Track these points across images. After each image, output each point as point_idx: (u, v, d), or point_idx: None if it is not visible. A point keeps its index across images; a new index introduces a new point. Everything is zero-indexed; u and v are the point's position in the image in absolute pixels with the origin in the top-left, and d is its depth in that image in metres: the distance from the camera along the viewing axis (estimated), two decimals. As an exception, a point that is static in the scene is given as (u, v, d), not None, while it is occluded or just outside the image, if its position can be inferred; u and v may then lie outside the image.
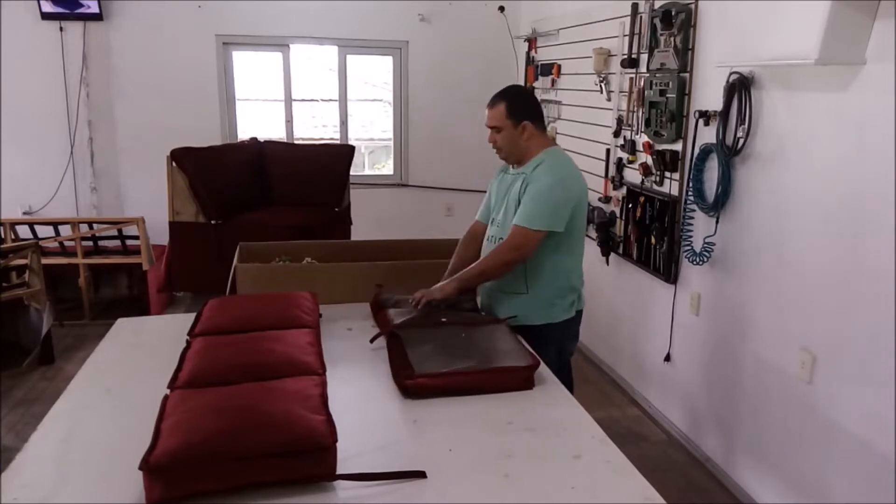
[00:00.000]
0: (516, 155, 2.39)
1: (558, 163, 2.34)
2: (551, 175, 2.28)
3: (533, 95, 2.49)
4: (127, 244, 4.69)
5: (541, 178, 2.28)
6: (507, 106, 2.33)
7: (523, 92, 2.50)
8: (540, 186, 2.26)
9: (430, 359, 1.92)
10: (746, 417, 2.82)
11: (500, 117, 2.34)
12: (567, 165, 2.37)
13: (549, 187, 2.26)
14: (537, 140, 2.37)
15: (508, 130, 2.34)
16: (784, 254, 2.56)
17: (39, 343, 3.91)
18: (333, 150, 4.97)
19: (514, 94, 2.39)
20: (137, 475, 1.33)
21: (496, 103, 2.36)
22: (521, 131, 2.34)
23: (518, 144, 2.36)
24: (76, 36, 5.09)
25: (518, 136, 2.34)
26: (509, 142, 2.36)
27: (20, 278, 3.88)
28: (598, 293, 4.16)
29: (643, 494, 1.43)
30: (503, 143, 2.38)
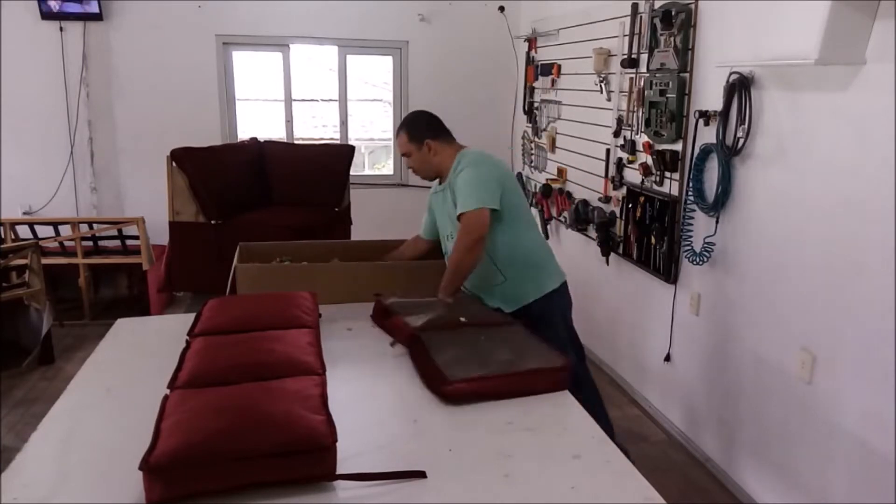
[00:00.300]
0: (432, 171, 2.62)
1: (471, 157, 2.51)
2: (468, 167, 2.46)
3: (428, 114, 2.66)
4: (127, 244, 4.69)
5: (461, 174, 2.46)
6: (407, 132, 2.58)
7: (418, 115, 2.69)
8: (463, 177, 2.44)
9: (458, 362, 1.88)
10: (746, 417, 2.82)
11: (404, 144, 2.60)
12: (479, 156, 2.53)
13: (470, 175, 2.43)
14: (446, 152, 2.57)
15: (416, 153, 2.58)
16: (784, 254, 2.56)
17: (39, 343, 3.91)
18: (333, 150, 4.96)
19: (409, 121, 2.64)
20: (137, 475, 1.33)
21: (399, 133, 2.61)
22: (427, 150, 2.56)
23: (430, 162, 2.58)
24: (76, 36, 5.09)
25: (426, 155, 2.57)
26: (421, 162, 2.60)
27: (20, 278, 3.88)
28: (598, 293, 4.16)
29: (643, 494, 1.43)
30: (416, 165, 2.62)
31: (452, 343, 1.99)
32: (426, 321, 2.13)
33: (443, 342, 2.00)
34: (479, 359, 1.91)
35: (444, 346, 1.97)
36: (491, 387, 1.80)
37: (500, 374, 1.83)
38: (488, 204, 2.39)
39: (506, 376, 1.83)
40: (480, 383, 1.80)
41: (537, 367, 1.88)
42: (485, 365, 1.87)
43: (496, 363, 1.88)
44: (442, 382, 1.80)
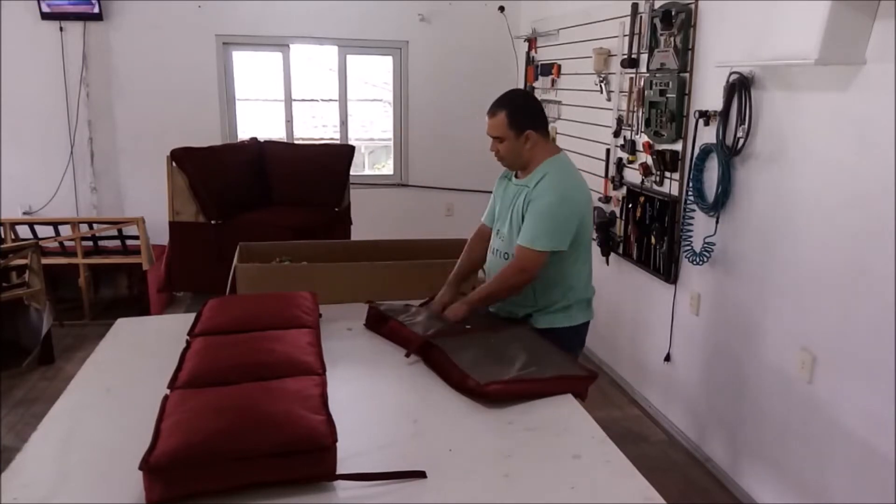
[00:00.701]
0: (519, 164, 2.32)
1: (561, 176, 2.25)
2: (554, 191, 2.20)
3: (535, 100, 2.42)
4: (127, 244, 4.69)
5: (544, 196, 2.19)
6: (509, 115, 2.23)
7: (525, 98, 2.43)
8: (543, 204, 2.19)
9: (481, 365, 1.89)
10: (747, 417, 2.82)
11: (501, 127, 2.24)
12: (570, 177, 2.28)
13: (552, 205, 2.18)
14: (541, 148, 2.28)
15: (510, 140, 2.25)
16: (784, 254, 2.56)
17: (39, 343, 3.91)
18: (333, 150, 4.97)
19: (515, 102, 2.29)
20: (137, 475, 1.33)
21: (496, 112, 2.25)
22: (524, 141, 2.24)
23: (521, 154, 2.27)
24: (76, 36, 5.09)
25: (521, 146, 2.25)
26: (512, 152, 2.27)
27: (20, 278, 3.88)
28: (598, 293, 4.15)
29: (643, 494, 1.43)
30: (505, 153, 2.29)
31: (466, 347, 2.00)
32: (436, 330, 2.12)
33: (457, 346, 2.00)
34: (500, 360, 1.93)
35: (460, 350, 1.98)
36: (528, 388, 1.83)
37: (536, 378, 1.86)
38: (555, 248, 2.19)
39: (542, 380, 1.86)
40: (519, 385, 1.83)
41: (570, 374, 1.92)
42: (510, 366, 1.89)
43: (522, 365, 1.91)
44: (477, 385, 1.80)
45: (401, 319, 2.23)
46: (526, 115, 2.27)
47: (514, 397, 1.81)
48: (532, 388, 1.84)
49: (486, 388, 1.79)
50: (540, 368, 1.91)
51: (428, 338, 2.06)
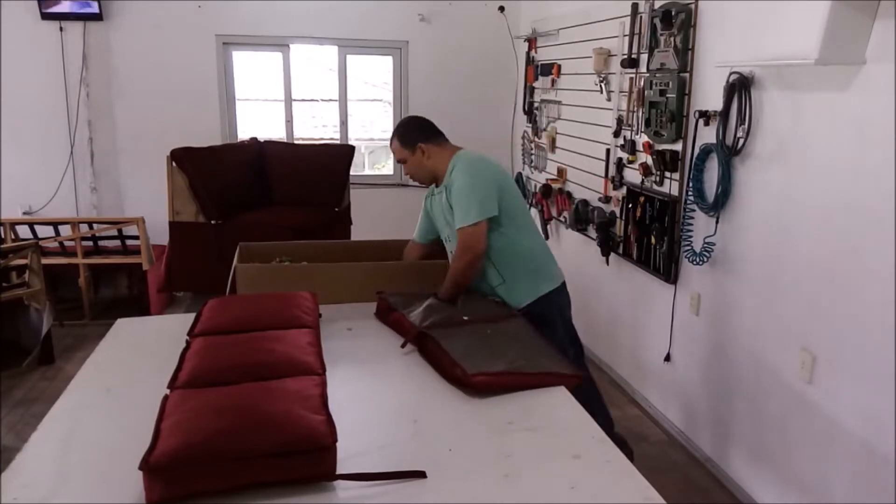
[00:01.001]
0: (429, 175, 2.60)
1: (466, 160, 2.49)
2: (463, 173, 2.44)
3: (418, 118, 2.70)
4: (127, 244, 4.69)
5: (457, 180, 2.44)
6: (400, 138, 2.58)
7: (409, 120, 2.71)
8: (459, 186, 2.42)
9: (471, 355, 1.92)
10: (746, 417, 2.82)
11: (398, 151, 2.60)
12: (474, 159, 2.51)
13: (466, 183, 2.41)
14: (440, 154, 2.55)
15: (410, 159, 2.57)
16: (784, 254, 2.56)
17: (39, 343, 3.91)
18: (333, 150, 4.96)
19: (401, 126, 2.64)
20: (137, 475, 1.33)
21: (391, 141, 2.61)
22: (421, 154, 2.55)
23: (424, 166, 2.57)
24: (76, 36, 5.08)
25: (420, 159, 2.56)
26: (416, 167, 2.59)
27: (20, 278, 3.88)
28: (598, 293, 4.17)
29: (643, 494, 1.43)
30: (412, 171, 2.61)
31: (460, 338, 2.03)
32: (431, 321, 2.14)
33: (451, 337, 2.03)
34: (492, 352, 1.96)
35: (454, 341, 2.01)
36: (514, 381, 1.87)
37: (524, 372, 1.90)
38: (486, 214, 2.39)
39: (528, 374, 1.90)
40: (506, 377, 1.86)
41: (556, 371, 1.95)
42: (501, 359, 1.92)
43: (512, 358, 1.94)
44: (464, 374, 1.84)
45: (404, 311, 2.28)
46: (412, 132, 2.59)
47: (499, 389, 1.83)
48: (518, 381, 1.88)
49: (472, 378, 1.82)
50: (529, 363, 1.94)
51: (423, 328, 2.09)
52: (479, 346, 1.99)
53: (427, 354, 2.06)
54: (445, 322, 2.15)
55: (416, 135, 2.58)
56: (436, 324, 2.13)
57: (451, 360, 1.91)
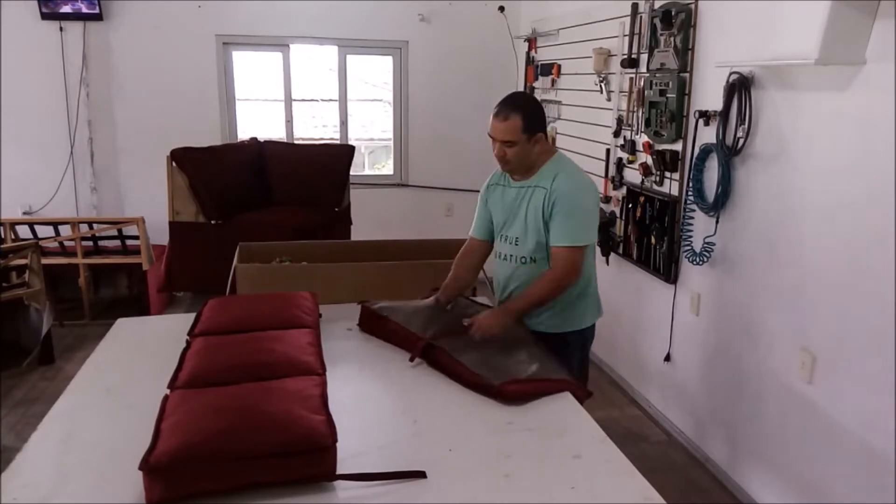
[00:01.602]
0: (525, 167, 2.27)
1: (573, 171, 2.27)
2: (576, 187, 2.21)
3: (539, 103, 2.41)
4: (127, 244, 4.69)
5: (570, 193, 2.18)
6: (524, 119, 2.17)
7: (535, 102, 2.38)
8: (573, 201, 2.18)
9: (486, 364, 1.93)
10: (747, 417, 2.82)
11: (514, 131, 2.17)
12: (580, 171, 2.31)
13: (580, 200, 2.21)
14: (544, 148, 2.28)
15: (522, 144, 2.19)
16: (784, 254, 2.56)
17: (39, 343, 3.91)
18: (333, 150, 4.96)
19: (529, 105, 2.25)
20: (137, 475, 1.33)
21: (510, 116, 2.17)
22: (534, 144, 2.22)
23: (529, 157, 2.24)
24: (76, 36, 5.08)
25: (531, 149, 2.22)
26: (521, 155, 2.21)
27: (20, 278, 3.88)
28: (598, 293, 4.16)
29: (643, 494, 1.43)
30: (513, 157, 2.21)
31: (469, 347, 2.03)
32: (436, 331, 2.13)
33: (460, 348, 2.03)
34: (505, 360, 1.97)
35: (463, 351, 2.00)
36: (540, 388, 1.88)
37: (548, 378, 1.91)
38: (591, 241, 2.26)
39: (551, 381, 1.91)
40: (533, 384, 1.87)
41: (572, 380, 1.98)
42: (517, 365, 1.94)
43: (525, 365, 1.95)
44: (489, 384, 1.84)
45: (399, 320, 2.23)
46: (538, 117, 2.25)
47: (529, 397, 1.84)
48: (543, 387, 1.89)
49: (503, 387, 1.82)
50: (543, 368, 1.96)
51: (430, 340, 2.07)
52: (489, 355, 1.99)
53: (439, 366, 2.02)
54: (449, 330, 2.13)
55: (541, 123, 2.24)
56: (441, 333, 2.11)
57: (471, 371, 1.90)
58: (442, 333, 2.11)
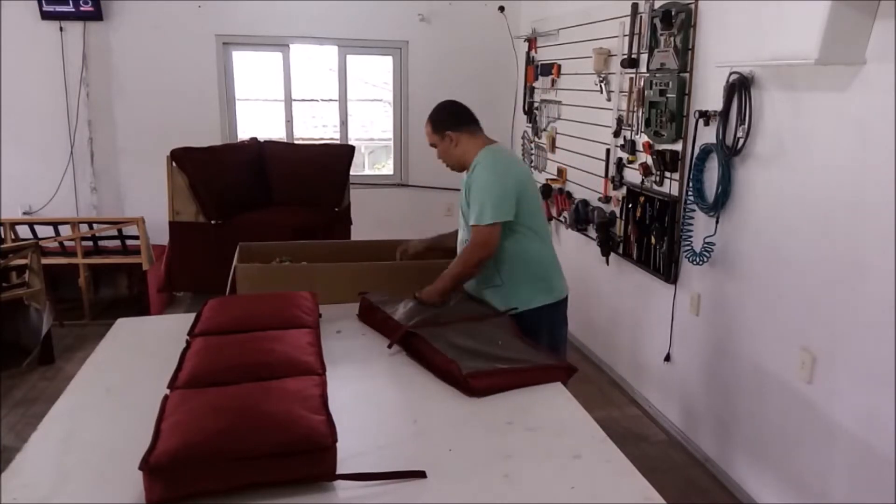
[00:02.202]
0: (457, 163, 2.57)
1: (492, 159, 2.46)
2: (486, 171, 2.42)
3: (456, 104, 2.64)
4: (127, 244, 4.69)
5: (479, 177, 2.42)
6: (431, 123, 2.57)
7: (445, 105, 2.65)
8: (479, 184, 2.40)
9: (464, 355, 1.93)
10: (746, 417, 2.82)
11: (430, 135, 2.58)
12: (501, 159, 2.49)
13: (487, 182, 2.39)
14: (470, 144, 2.52)
15: (440, 144, 2.55)
16: (784, 254, 2.56)
17: (39, 343, 3.91)
18: (333, 150, 4.96)
19: (435, 111, 2.61)
20: (137, 475, 1.33)
21: (426, 125, 2.59)
22: (449, 141, 2.52)
23: (453, 154, 2.54)
24: (76, 36, 5.09)
25: (449, 146, 2.53)
26: (445, 153, 2.57)
27: (20, 278, 3.88)
28: (598, 293, 4.16)
29: (643, 494, 1.43)
30: (442, 157, 2.59)
31: (449, 336, 2.04)
32: (419, 320, 2.15)
33: (438, 336, 2.04)
34: (481, 350, 1.97)
35: (442, 340, 2.01)
36: (509, 380, 1.88)
37: (516, 368, 1.90)
38: (502, 217, 2.36)
39: (521, 370, 1.91)
40: (501, 376, 1.87)
41: (548, 363, 1.97)
42: (490, 356, 1.94)
43: (500, 355, 1.95)
44: (459, 373, 1.84)
45: (387, 311, 2.28)
46: (443, 118, 2.56)
47: (496, 389, 1.84)
48: (512, 378, 1.88)
49: (469, 380, 1.83)
50: (519, 358, 1.95)
51: (409, 328, 2.09)
52: (468, 345, 1.99)
53: (416, 354, 2.05)
54: (432, 321, 2.15)
55: (447, 122, 2.55)
56: (423, 322, 2.14)
57: (445, 357, 1.92)
58: (424, 322, 2.13)
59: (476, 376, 1.83)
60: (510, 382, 1.87)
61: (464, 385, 1.83)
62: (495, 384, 1.85)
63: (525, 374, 1.91)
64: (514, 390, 1.86)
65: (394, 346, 2.12)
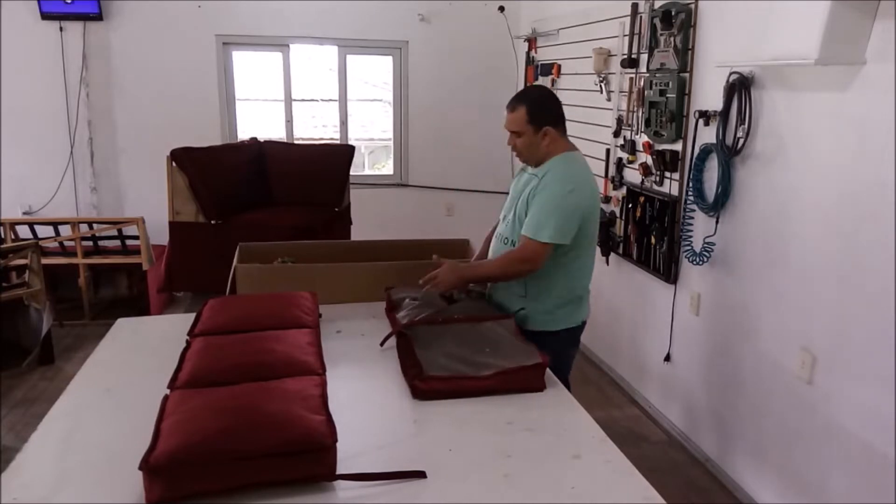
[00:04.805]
0: (535, 159, 2.34)
1: (571, 170, 2.28)
2: (561, 184, 2.22)
3: (555, 98, 2.41)
4: (127, 244, 4.69)
5: (551, 186, 2.22)
6: (529, 110, 2.27)
7: (546, 95, 2.43)
8: (549, 195, 2.21)
9: (439, 358, 1.91)
10: (746, 417, 2.82)
11: (520, 122, 2.28)
12: (580, 173, 2.29)
13: (557, 196, 2.21)
14: (557, 144, 2.31)
15: (528, 136, 2.28)
16: (784, 254, 2.56)
17: (39, 343, 3.91)
18: (333, 150, 4.96)
19: (535, 98, 2.33)
20: (137, 475, 1.33)
21: (516, 106, 2.29)
22: (542, 137, 2.28)
23: (538, 149, 2.30)
24: (76, 36, 5.09)
25: (538, 141, 2.29)
26: (529, 146, 2.31)
27: (20, 278, 3.88)
28: (598, 293, 4.14)
29: (643, 494, 1.43)
30: (522, 148, 2.32)
31: (439, 339, 2.01)
32: (419, 317, 2.13)
33: (429, 337, 2.02)
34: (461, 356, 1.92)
35: (429, 342, 1.99)
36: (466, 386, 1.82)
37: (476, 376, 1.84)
38: (559, 240, 2.19)
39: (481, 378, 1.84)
40: (455, 383, 1.83)
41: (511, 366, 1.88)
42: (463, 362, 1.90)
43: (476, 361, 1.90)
44: (416, 377, 1.84)
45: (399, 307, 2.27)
46: (545, 111, 2.30)
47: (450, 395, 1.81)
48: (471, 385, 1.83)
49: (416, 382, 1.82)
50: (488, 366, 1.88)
51: (401, 327, 2.08)
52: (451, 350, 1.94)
53: (399, 353, 2.04)
54: (429, 320, 2.11)
55: (550, 116, 2.30)
56: (422, 320, 2.11)
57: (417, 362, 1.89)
58: (423, 321, 2.10)
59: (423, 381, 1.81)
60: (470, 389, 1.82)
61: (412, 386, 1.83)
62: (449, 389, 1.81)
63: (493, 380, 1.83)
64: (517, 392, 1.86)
65: (385, 343, 2.12)
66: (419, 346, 1.98)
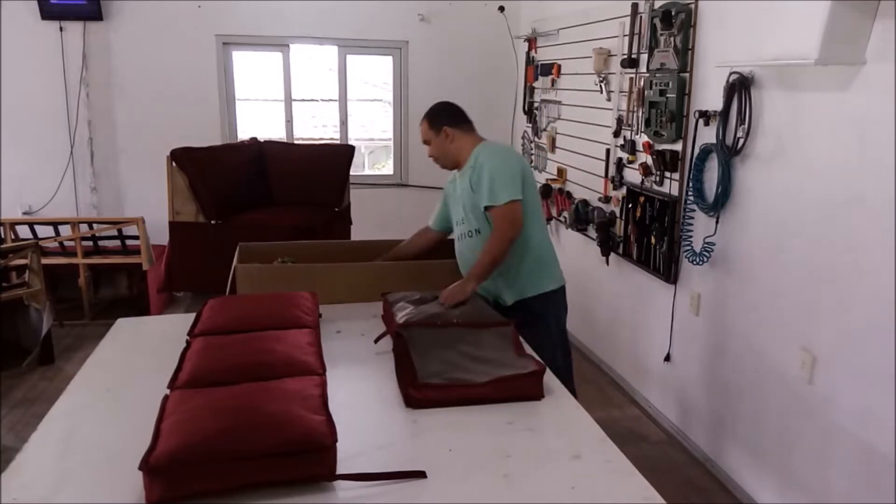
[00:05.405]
0: (451, 160, 2.65)
1: (493, 148, 2.57)
2: (491, 157, 2.50)
3: (449, 104, 2.73)
4: (127, 244, 4.69)
5: (486, 163, 2.48)
6: (427, 120, 2.65)
7: (442, 104, 2.75)
8: (490, 166, 2.46)
9: (434, 364, 1.87)
10: (746, 417, 2.82)
11: (424, 132, 2.66)
12: (501, 148, 2.61)
13: (497, 164, 2.46)
14: (465, 140, 2.61)
15: (434, 140, 2.63)
16: (784, 254, 2.56)
17: (39, 343, 3.91)
18: (333, 150, 4.96)
19: (432, 109, 2.69)
20: (137, 475, 1.33)
21: (421, 122, 2.67)
22: (445, 137, 2.60)
23: (448, 149, 2.62)
24: (76, 36, 5.09)
25: (443, 141, 2.61)
26: (438, 149, 2.64)
27: (20, 278, 3.88)
28: (598, 293, 4.17)
29: (643, 494, 1.43)
30: (435, 152, 2.66)
31: (435, 343, 1.97)
32: (418, 319, 2.09)
33: (425, 341, 1.98)
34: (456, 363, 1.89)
35: (425, 346, 1.96)
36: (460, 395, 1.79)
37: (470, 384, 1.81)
38: (517, 195, 2.42)
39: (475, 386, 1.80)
40: (449, 392, 1.79)
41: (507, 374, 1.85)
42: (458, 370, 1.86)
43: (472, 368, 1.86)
44: (411, 385, 1.80)
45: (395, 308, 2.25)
46: (441, 115, 2.65)
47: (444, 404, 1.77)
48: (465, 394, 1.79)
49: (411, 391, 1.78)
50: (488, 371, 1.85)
51: (398, 326, 2.05)
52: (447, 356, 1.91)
53: (394, 355, 2.01)
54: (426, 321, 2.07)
55: (444, 118, 2.63)
56: (420, 322, 2.07)
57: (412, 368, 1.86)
58: (419, 323, 2.07)
59: (415, 389, 1.78)
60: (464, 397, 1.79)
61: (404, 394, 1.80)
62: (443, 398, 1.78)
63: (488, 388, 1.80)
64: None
65: (379, 341, 2.13)
66: (415, 349, 1.94)
